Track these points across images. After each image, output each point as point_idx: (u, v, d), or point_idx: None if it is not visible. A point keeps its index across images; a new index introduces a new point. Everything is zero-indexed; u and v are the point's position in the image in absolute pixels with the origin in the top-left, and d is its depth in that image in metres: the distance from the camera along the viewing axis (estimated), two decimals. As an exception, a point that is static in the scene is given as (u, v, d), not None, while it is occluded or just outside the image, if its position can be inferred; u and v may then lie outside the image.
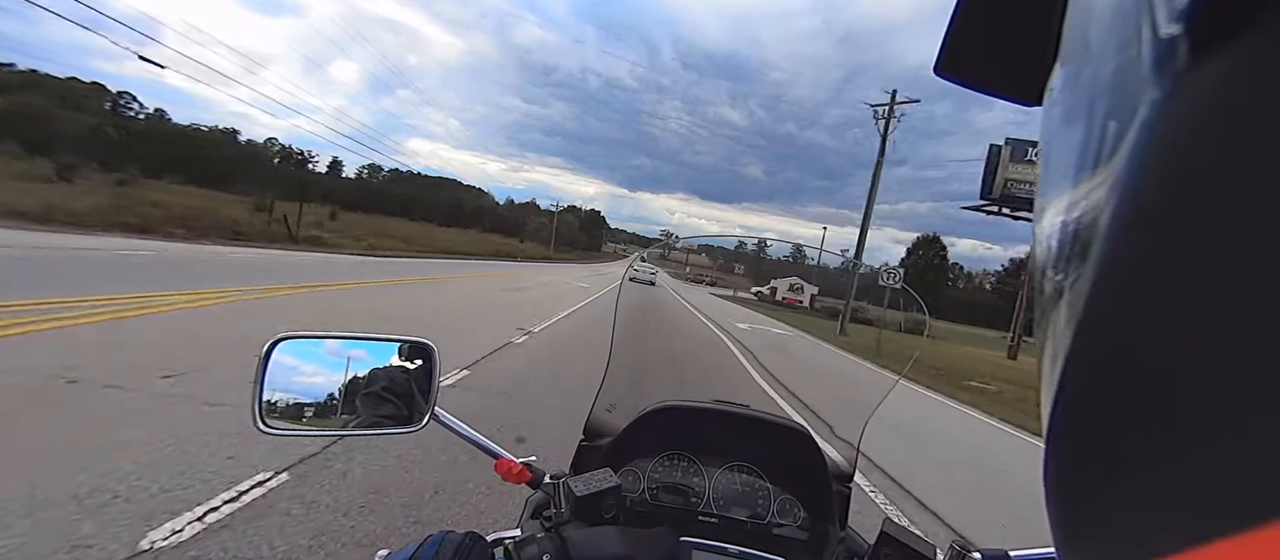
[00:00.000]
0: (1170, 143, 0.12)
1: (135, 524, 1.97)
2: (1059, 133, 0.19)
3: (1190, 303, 0.11)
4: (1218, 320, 0.10)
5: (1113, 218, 0.13)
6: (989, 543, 0.80)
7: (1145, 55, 0.13)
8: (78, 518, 1.95)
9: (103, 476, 2.22)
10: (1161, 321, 0.12)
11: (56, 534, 1.85)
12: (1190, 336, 0.11)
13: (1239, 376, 0.10)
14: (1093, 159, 0.15)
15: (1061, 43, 0.20)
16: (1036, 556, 0.76)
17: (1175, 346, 0.11)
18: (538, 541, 0.62)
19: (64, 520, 1.92)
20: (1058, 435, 0.16)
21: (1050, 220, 0.18)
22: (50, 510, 1.96)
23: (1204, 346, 0.11)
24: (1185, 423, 0.11)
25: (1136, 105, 0.13)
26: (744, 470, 0.93)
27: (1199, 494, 0.11)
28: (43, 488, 2.07)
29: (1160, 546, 0.11)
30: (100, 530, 1.90)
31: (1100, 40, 0.16)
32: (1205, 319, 0.11)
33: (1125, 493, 0.13)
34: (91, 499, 2.07)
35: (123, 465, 2.33)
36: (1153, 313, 0.12)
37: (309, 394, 0.70)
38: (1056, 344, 0.16)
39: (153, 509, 2.07)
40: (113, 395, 3.05)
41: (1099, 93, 0.15)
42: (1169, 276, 0.12)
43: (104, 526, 1.93)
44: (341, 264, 15.03)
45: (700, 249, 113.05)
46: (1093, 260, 0.14)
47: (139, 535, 1.91)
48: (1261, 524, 0.09)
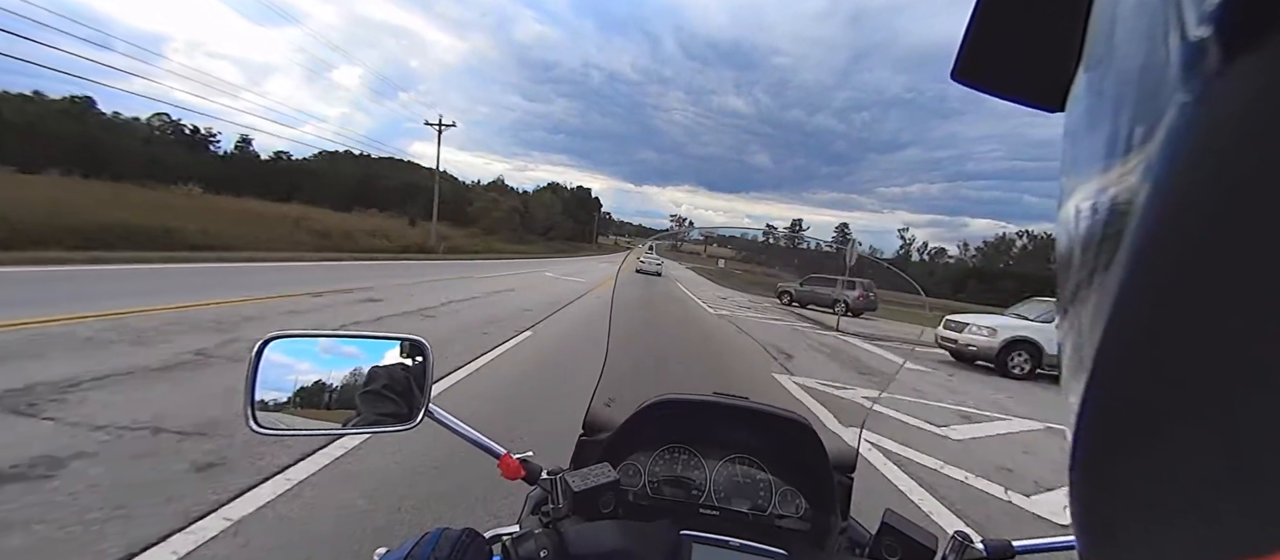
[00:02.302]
0: (1200, 146, 0.12)
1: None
2: (1083, 137, 0.18)
3: (1226, 303, 0.11)
4: (1252, 322, 0.10)
5: (1142, 220, 0.13)
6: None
7: (1174, 58, 0.12)
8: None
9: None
10: (1192, 323, 0.12)
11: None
12: (1227, 336, 0.11)
13: (1277, 379, 0.10)
14: (1120, 163, 0.15)
15: (1085, 46, 0.20)
16: (1040, 545, 0.75)
17: (1211, 346, 0.11)
18: (535, 537, 0.62)
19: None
20: (1086, 429, 0.15)
21: (1074, 222, 0.18)
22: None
23: (1241, 348, 0.11)
24: (1222, 424, 0.11)
25: (1165, 108, 0.12)
26: (744, 462, 0.93)
27: (1238, 502, 0.10)
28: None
29: (1195, 554, 0.11)
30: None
31: (1126, 43, 0.15)
32: (1241, 318, 0.11)
33: (1158, 494, 0.12)
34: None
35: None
36: (1182, 314, 0.12)
37: (303, 392, 0.70)
38: (1083, 338, 0.16)
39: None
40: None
41: (1125, 96, 0.15)
42: (1201, 278, 0.12)
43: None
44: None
45: (717, 240, 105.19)
46: (1121, 262, 0.14)
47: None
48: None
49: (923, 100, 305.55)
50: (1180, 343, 0.12)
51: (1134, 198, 0.14)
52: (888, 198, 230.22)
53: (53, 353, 3.89)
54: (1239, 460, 0.10)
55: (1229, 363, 0.11)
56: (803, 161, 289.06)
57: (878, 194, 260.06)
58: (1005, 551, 0.74)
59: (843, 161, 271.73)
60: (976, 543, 0.74)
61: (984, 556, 0.74)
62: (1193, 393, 0.12)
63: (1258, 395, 0.10)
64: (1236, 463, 0.10)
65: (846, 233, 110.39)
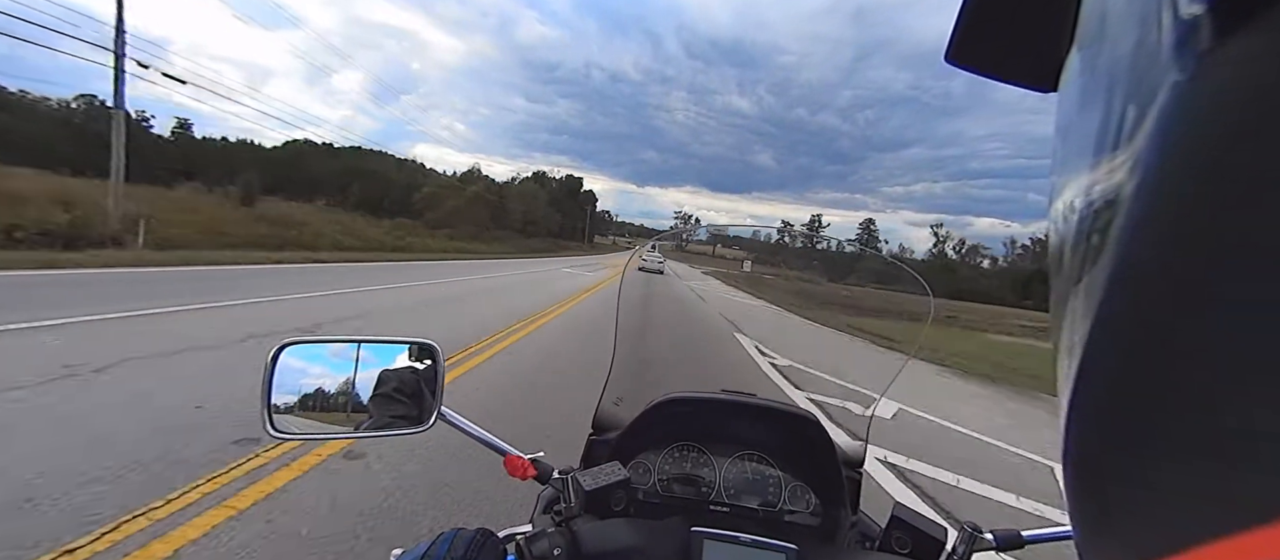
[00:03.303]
0: (1193, 125, 0.12)
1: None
2: (1075, 117, 0.18)
3: (1215, 286, 0.11)
4: (1243, 303, 0.10)
5: (1133, 201, 0.13)
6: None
7: (1166, 36, 0.12)
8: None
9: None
10: (1184, 306, 0.12)
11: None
12: (1215, 321, 0.11)
13: (1267, 364, 0.10)
14: (1112, 144, 0.15)
15: (1077, 26, 0.20)
16: (1049, 535, 0.75)
17: (1199, 331, 0.11)
18: (548, 536, 0.63)
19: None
20: (1077, 419, 0.15)
21: (1067, 205, 0.18)
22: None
23: (1229, 332, 0.11)
24: (1209, 410, 0.11)
25: (1157, 88, 0.12)
26: (754, 459, 0.93)
27: (1224, 484, 0.10)
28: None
29: (1183, 537, 0.11)
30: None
31: (1118, 22, 0.15)
32: (1230, 302, 0.11)
33: (1147, 481, 0.12)
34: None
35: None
36: (1175, 297, 0.12)
37: (317, 397, 0.71)
38: (1074, 327, 0.16)
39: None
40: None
41: (1118, 76, 0.15)
42: (1193, 260, 0.12)
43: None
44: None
45: (725, 240, 78.22)
46: (1113, 244, 0.14)
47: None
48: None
49: (927, 98, 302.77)
50: (1169, 328, 0.12)
51: (1124, 185, 0.14)
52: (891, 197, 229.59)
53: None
54: (1226, 446, 0.10)
55: (1216, 346, 0.11)
56: (806, 161, 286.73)
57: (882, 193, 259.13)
58: (1015, 541, 0.74)
59: (846, 160, 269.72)
60: (986, 534, 0.74)
61: (993, 546, 0.74)
62: (1181, 379, 0.12)
63: (1245, 377, 0.10)
64: (1223, 448, 0.10)
65: (873, 228, 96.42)
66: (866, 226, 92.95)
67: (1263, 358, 0.10)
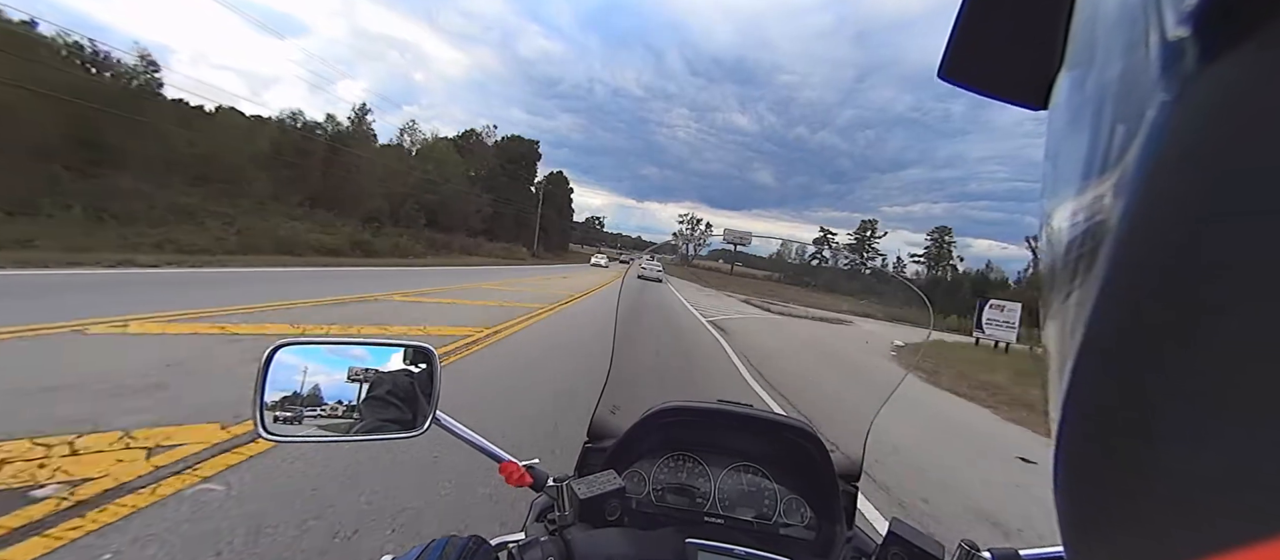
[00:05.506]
0: (1179, 145, 0.12)
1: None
2: (1066, 136, 0.19)
3: (1202, 305, 0.11)
4: (1229, 322, 0.10)
5: (1122, 220, 0.13)
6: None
7: (1153, 58, 0.13)
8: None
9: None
10: (1173, 324, 0.12)
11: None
12: (1202, 339, 0.11)
13: (1253, 380, 0.10)
14: (1100, 162, 0.15)
15: (1068, 46, 0.20)
16: (1046, 556, 0.75)
17: (1187, 349, 0.11)
18: (541, 544, 0.62)
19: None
20: (1068, 438, 0.15)
21: (1058, 223, 0.18)
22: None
23: (1216, 350, 0.11)
24: (1198, 432, 0.11)
25: (1145, 108, 0.13)
26: (749, 470, 0.93)
27: (1212, 502, 0.10)
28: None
29: (1175, 557, 0.11)
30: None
31: (1107, 43, 0.16)
32: (1217, 321, 0.11)
33: (1137, 498, 0.12)
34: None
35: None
36: (1164, 315, 0.12)
37: (311, 399, 0.70)
38: (1065, 345, 0.16)
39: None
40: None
41: (1106, 96, 0.15)
42: (1180, 279, 0.12)
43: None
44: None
45: (743, 258, 54.44)
46: (1102, 263, 0.14)
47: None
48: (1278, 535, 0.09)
49: (927, 119, 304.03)
50: (1157, 350, 0.12)
51: (1112, 206, 0.14)
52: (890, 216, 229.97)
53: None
54: (1216, 466, 0.10)
55: (1205, 368, 0.11)
56: (805, 179, 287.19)
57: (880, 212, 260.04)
58: (1011, 559, 0.74)
59: (845, 179, 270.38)
60: (983, 552, 0.73)
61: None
62: (1170, 401, 0.12)
63: (1233, 398, 0.10)
64: (1213, 469, 0.10)
65: (871, 233, 79.77)
66: (865, 229, 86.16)
67: (1251, 379, 0.10)
